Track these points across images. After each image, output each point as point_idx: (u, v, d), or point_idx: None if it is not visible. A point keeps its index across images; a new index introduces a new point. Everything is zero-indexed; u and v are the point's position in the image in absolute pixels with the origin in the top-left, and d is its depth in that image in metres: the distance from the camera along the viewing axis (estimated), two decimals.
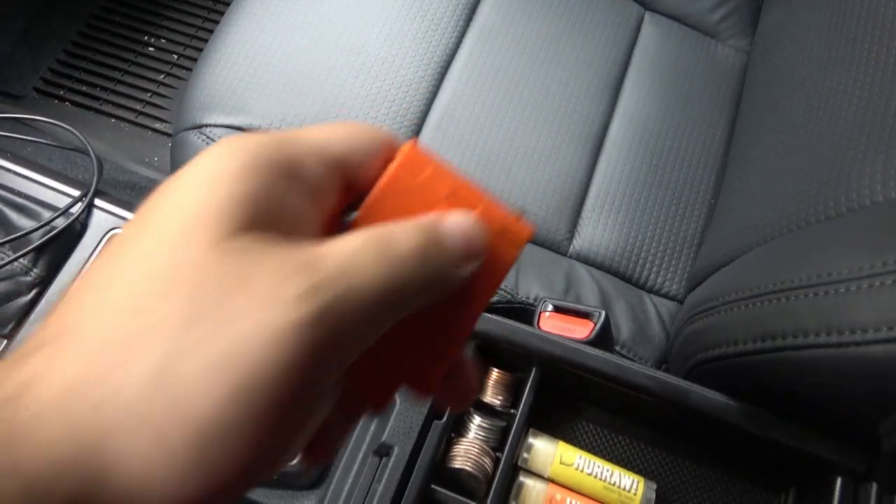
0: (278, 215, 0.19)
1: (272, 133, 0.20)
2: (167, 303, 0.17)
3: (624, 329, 0.69)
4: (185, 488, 0.16)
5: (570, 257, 0.74)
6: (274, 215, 0.19)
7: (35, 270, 0.56)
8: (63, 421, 0.16)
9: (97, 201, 0.62)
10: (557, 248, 0.75)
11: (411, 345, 0.23)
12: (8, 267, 0.56)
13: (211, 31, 0.95)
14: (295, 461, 0.23)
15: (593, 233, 0.75)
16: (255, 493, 0.49)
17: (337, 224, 0.22)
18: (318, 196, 0.21)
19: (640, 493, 0.45)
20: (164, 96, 1.17)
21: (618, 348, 0.68)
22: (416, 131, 0.77)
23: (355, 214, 0.22)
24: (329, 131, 0.22)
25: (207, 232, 0.18)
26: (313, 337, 0.17)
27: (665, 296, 0.74)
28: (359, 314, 0.18)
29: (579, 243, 0.75)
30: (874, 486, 0.42)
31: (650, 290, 0.74)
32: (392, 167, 0.22)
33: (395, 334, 0.21)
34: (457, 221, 0.22)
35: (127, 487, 0.16)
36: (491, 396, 0.48)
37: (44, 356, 0.17)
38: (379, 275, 0.19)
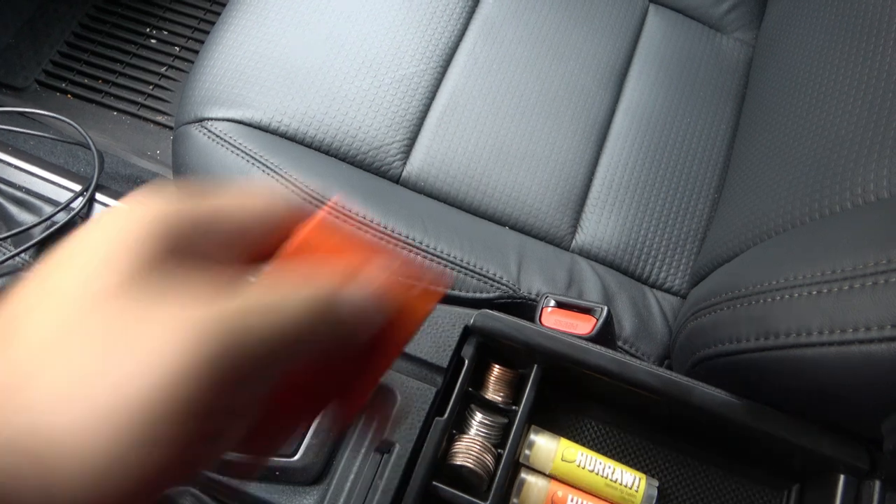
0: (191, 252, 0.21)
1: (171, 203, 0.21)
2: (64, 346, 0.18)
3: (626, 324, 0.69)
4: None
5: (573, 252, 0.74)
6: (187, 252, 0.20)
7: (36, 266, 0.56)
8: None
9: (98, 196, 0.61)
10: (560, 242, 0.74)
11: (331, 377, 0.24)
12: (9, 262, 0.56)
13: (213, 23, 0.95)
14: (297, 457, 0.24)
15: (596, 227, 0.75)
16: (257, 489, 0.49)
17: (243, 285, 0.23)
18: (223, 253, 0.22)
19: (641, 490, 0.45)
20: (165, 89, 1.17)
21: (620, 344, 0.68)
22: (418, 125, 0.77)
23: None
24: (231, 201, 0.23)
25: (109, 280, 0.19)
26: (204, 380, 0.18)
27: (668, 291, 0.74)
28: (248, 361, 0.19)
29: (582, 238, 0.74)
30: (877, 484, 0.41)
31: (653, 286, 0.74)
32: (301, 233, 0.23)
33: (315, 366, 0.22)
34: (353, 290, 0.22)
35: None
36: (492, 393, 0.48)
37: None
38: (267, 333, 0.20)
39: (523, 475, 0.46)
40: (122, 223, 0.20)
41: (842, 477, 0.42)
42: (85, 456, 0.16)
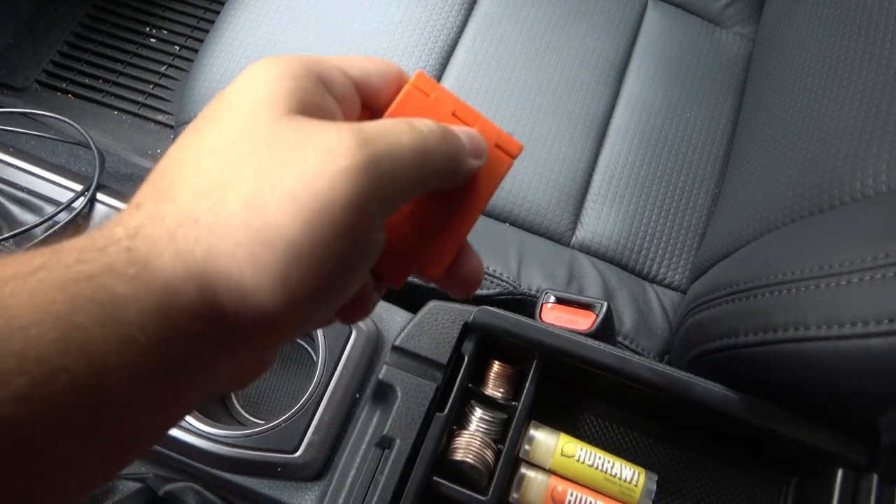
0: (318, 110, 0.24)
1: (304, 55, 0.25)
2: (247, 160, 0.21)
3: (626, 320, 0.69)
4: (273, 301, 0.20)
5: (573, 248, 0.74)
6: (315, 109, 0.23)
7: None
8: (172, 252, 0.20)
9: (99, 195, 0.62)
10: (560, 238, 0.74)
11: (427, 230, 0.28)
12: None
13: (212, 22, 0.95)
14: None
15: (596, 223, 0.75)
16: (259, 484, 0.50)
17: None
18: (344, 105, 0.25)
19: (640, 484, 0.45)
20: (166, 88, 1.17)
21: (620, 339, 0.68)
22: None
23: None
24: (350, 59, 0.27)
25: (270, 111, 0.22)
26: (366, 179, 0.21)
27: (668, 286, 0.74)
28: (398, 167, 0.22)
29: (582, 234, 0.75)
30: (875, 478, 0.42)
31: (653, 281, 0.74)
32: (405, 89, 0.27)
33: (414, 215, 0.27)
34: (463, 128, 0.27)
35: (234, 296, 0.20)
36: (492, 389, 0.48)
37: (148, 209, 0.21)
38: (411, 140, 0.23)
39: (523, 470, 0.46)
40: (271, 66, 0.23)
41: (840, 471, 0.43)
42: (280, 240, 0.20)
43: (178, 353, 0.19)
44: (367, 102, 0.27)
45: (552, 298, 0.57)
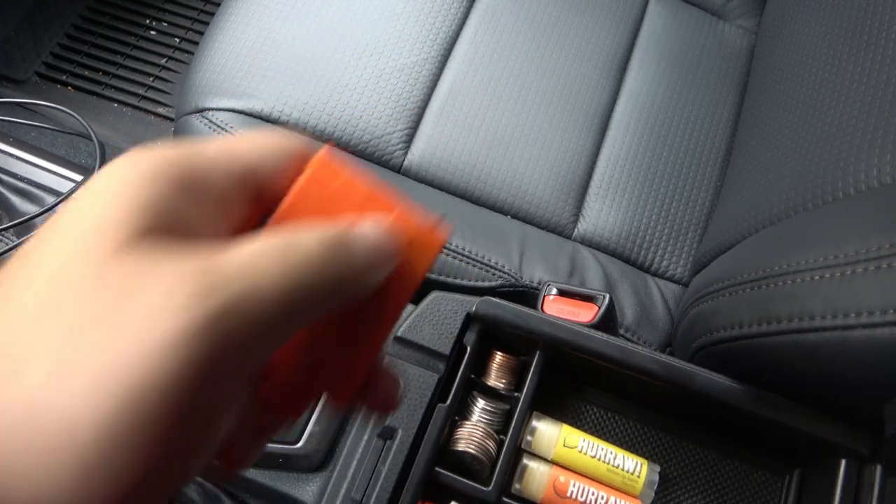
0: (180, 225, 0.19)
1: (177, 146, 0.20)
2: (58, 316, 0.16)
3: (628, 312, 0.69)
4: None
5: (575, 240, 0.74)
6: (176, 225, 0.19)
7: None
8: None
9: None
10: (562, 231, 0.74)
11: (326, 352, 0.23)
12: (12, 252, 0.56)
13: (213, 14, 0.94)
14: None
15: (598, 216, 0.75)
16: (261, 476, 0.50)
17: (248, 236, 0.22)
18: (224, 207, 0.21)
19: (643, 475, 0.45)
20: (166, 80, 1.17)
21: (622, 332, 0.68)
22: (419, 113, 0.76)
23: (266, 226, 0.22)
24: (238, 143, 0.22)
25: (103, 242, 0.17)
26: (206, 343, 0.16)
27: (670, 279, 0.74)
28: (257, 317, 0.17)
29: (584, 226, 0.74)
30: (879, 468, 0.42)
31: (655, 274, 0.74)
32: (304, 176, 0.22)
33: (309, 340, 0.22)
34: (366, 227, 0.21)
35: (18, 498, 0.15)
36: (495, 380, 0.48)
37: None
38: (280, 276, 0.18)
39: (525, 461, 0.46)
40: (125, 169, 0.19)
41: (843, 462, 0.43)
42: (79, 437, 0.15)
43: None
44: (261, 193, 0.22)
45: (554, 290, 0.57)
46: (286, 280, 0.18)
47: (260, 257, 0.18)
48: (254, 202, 0.22)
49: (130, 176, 0.19)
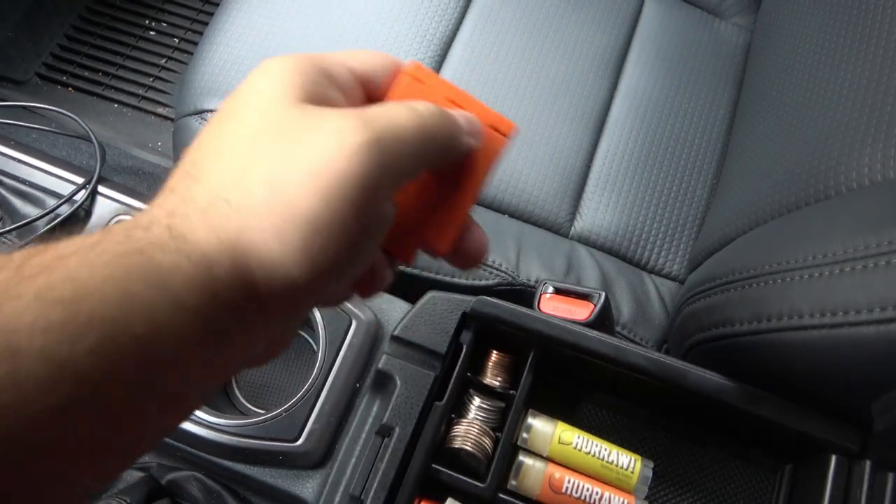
0: (325, 101, 0.26)
1: (310, 53, 0.27)
2: (266, 143, 0.23)
3: (625, 310, 0.70)
4: (299, 270, 0.22)
5: (572, 239, 0.75)
6: (322, 100, 0.25)
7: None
8: (206, 227, 0.22)
9: (101, 188, 0.62)
10: (559, 229, 0.75)
11: (431, 204, 0.30)
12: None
13: (212, 14, 0.95)
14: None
15: (595, 214, 0.75)
16: (262, 473, 0.50)
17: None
18: (348, 97, 0.28)
19: (637, 471, 0.46)
20: (166, 80, 1.17)
21: (619, 329, 0.69)
22: None
23: None
24: (354, 54, 0.29)
25: (283, 101, 0.24)
26: (373, 155, 0.23)
27: (666, 276, 0.74)
28: (401, 144, 0.24)
29: (580, 225, 0.75)
30: (868, 464, 0.42)
31: (651, 271, 0.74)
32: (400, 77, 0.29)
33: (419, 191, 0.29)
34: (459, 111, 0.29)
35: (264, 267, 0.22)
36: (490, 378, 0.49)
37: (181, 191, 0.23)
38: (410, 119, 0.25)
39: (521, 458, 0.47)
40: (278, 64, 0.26)
41: (833, 457, 0.43)
42: (299, 216, 0.22)
43: (218, 320, 0.21)
44: (370, 94, 0.29)
45: (550, 289, 0.57)
46: (416, 123, 0.25)
47: (396, 109, 0.25)
48: (368, 99, 0.29)
49: (285, 68, 0.26)
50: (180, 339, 0.20)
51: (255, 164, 0.23)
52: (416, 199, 0.29)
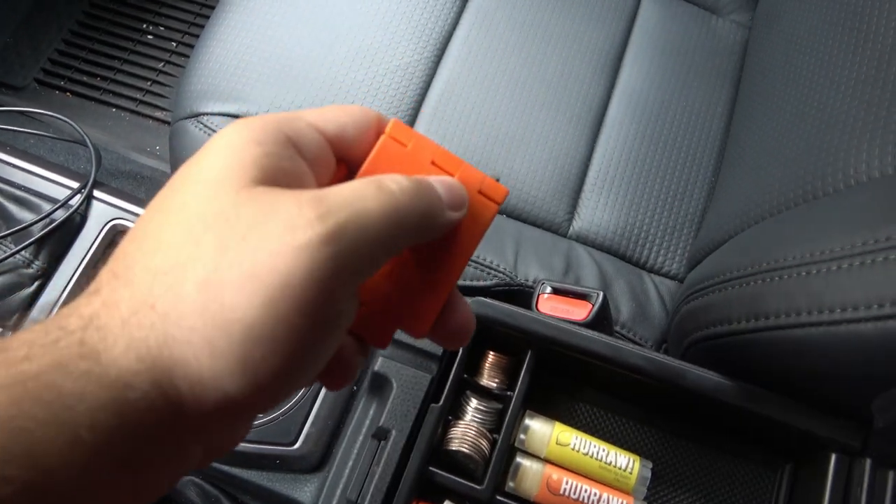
0: (286, 176, 0.23)
1: (276, 114, 0.24)
2: (205, 237, 0.20)
3: (624, 309, 0.69)
4: (235, 385, 0.19)
5: (570, 238, 0.74)
6: (282, 175, 0.23)
7: (36, 263, 0.57)
8: (125, 342, 0.19)
9: (96, 192, 0.62)
10: (557, 229, 0.75)
11: (408, 285, 0.27)
12: (10, 260, 0.57)
13: (208, 18, 0.95)
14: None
15: (593, 213, 0.75)
16: (259, 477, 0.50)
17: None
18: (316, 165, 0.25)
19: (635, 471, 0.46)
20: (163, 84, 1.17)
21: (618, 328, 0.68)
22: (414, 114, 0.77)
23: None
24: (324, 112, 0.26)
25: (231, 183, 0.21)
26: (327, 253, 0.20)
27: (666, 275, 0.74)
28: (364, 235, 0.21)
29: (579, 224, 0.75)
30: (868, 462, 0.42)
31: (651, 270, 0.74)
32: (380, 141, 0.26)
33: (394, 273, 0.26)
34: (441, 178, 0.26)
35: (192, 384, 0.19)
36: (487, 379, 0.48)
37: (104, 295, 0.20)
38: (379, 204, 0.22)
39: (519, 459, 0.46)
40: (238, 132, 0.23)
41: (833, 455, 0.43)
42: (235, 326, 0.19)
43: (133, 448, 0.19)
44: (344, 156, 0.26)
45: (548, 289, 0.57)
46: (384, 208, 0.22)
47: (362, 191, 0.22)
48: (339, 165, 0.26)
49: (242, 139, 0.23)
50: (84, 476, 0.18)
51: (189, 263, 0.20)
52: (389, 278, 0.27)
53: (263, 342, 0.19)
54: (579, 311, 0.53)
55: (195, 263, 0.20)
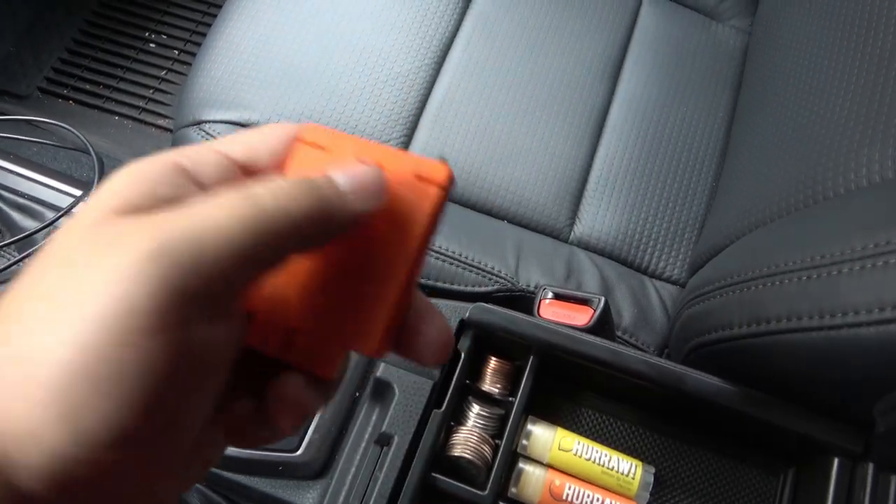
0: (165, 203, 0.20)
1: (174, 150, 0.22)
2: (43, 279, 0.18)
3: (626, 315, 0.69)
4: (58, 438, 0.16)
5: (571, 244, 0.75)
6: (156, 203, 0.20)
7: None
8: None
9: None
10: (558, 234, 0.75)
11: (343, 300, 0.23)
12: (13, 268, 0.57)
13: (211, 26, 0.96)
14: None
15: (594, 218, 0.75)
16: (261, 483, 0.50)
17: None
18: (220, 188, 0.22)
19: (638, 477, 0.46)
20: (166, 92, 1.18)
21: (620, 334, 0.68)
22: (415, 121, 0.77)
23: None
24: (234, 137, 0.24)
25: (95, 218, 0.19)
26: (153, 272, 0.17)
27: (667, 280, 0.74)
28: (202, 250, 0.18)
29: (580, 229, 0.75)
30: (870, 466, 0.42)
31: (652, 275, 0.74)
32: (297, 147, 0.24)
33: (323, 288, 0.23)
34: (344, 167, 0.22)
35: (18, 446, 0.16)
36: (489, 385, 0.48)
37: None
38: (230, 213, 0.19)
39: (521, 465, 0.46)
40: (114, 181, 0.21)
41: (836, 460, 0.43)
42: (45, 373, 0.16)
43: None
44: (262, 175, 0.23)
45: (550, 294, 0.57)
46: (239, 215, 0.19)
47: (212, 202, 0.19)
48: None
49: (120, 174, 0.20)
50: None
51: (22, 308, 0.18)
52: (317, 293, 0.23)
53: (79, 383, 0.16)
54: (581, 317, 0.53)
55: (27, 308, 0.18)
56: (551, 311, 0.56)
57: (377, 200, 0.22)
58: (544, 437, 0.47)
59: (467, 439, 0.46)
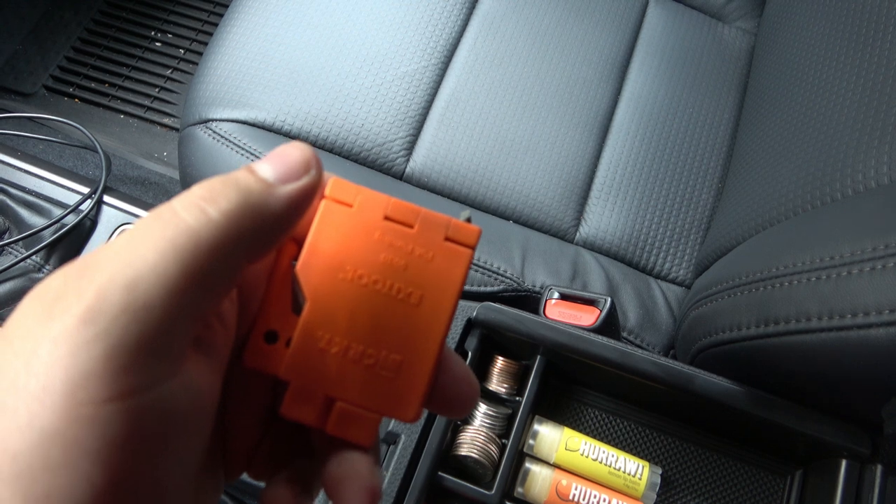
0: None
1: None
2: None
3: (631, 315, 0.69)
4: None
5: (577, 244, 0.75)
6: None
7: (47, 267, 0.57)
8: None
9: (106, 198, 0.62)
10: (564, 235, 0.75)
11: (378, 367, 0.22)
12: (21, 264, 0.57)
13: (216, 25, 0.96)
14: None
15: (600, 219, 0.75)
16: None
17: (288, 275, 0.23)
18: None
19: (645, 477, 0.45)
20: (171, 91, 1.18)
21: (625, 335, 0.68)
22: (421, 121, 0.77)
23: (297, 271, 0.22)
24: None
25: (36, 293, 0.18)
26: (90, 334, 0.16)
27: (673, 281, 0.74)
28: (135, 293, 0.16)
29: (586, 230, 0.75)
30: (879, 468, 0.42)
31: (658, 276, 0.74)
32: (322, 204, 0.23)
33: (355, 358, 0.22)
34: (266, 156, 0.21)
35: None
36: (496, 385, 0.48)
37: None
38: (155, 245, 0.17)
39: (528, 465, 0.46)
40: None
41: (844, 462, 0.43)
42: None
43: None
44: (294, 235, 0.23)
45: (556, 294, 0.57)
46: (169, 245, 0.17)
47: (132, 240, 0.18)
48: (289, 242, 0.23)
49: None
50: None
51: None
52: (349, 360, 0.22)
53: (37, 473, 0.15)
54: (587, 317, 0.53)
55: None
56: (557, 311, 0.56)
57: (310, 177, 0.21)
58: (551, 436, 0.47)
59: (474, 439, 0.46)
